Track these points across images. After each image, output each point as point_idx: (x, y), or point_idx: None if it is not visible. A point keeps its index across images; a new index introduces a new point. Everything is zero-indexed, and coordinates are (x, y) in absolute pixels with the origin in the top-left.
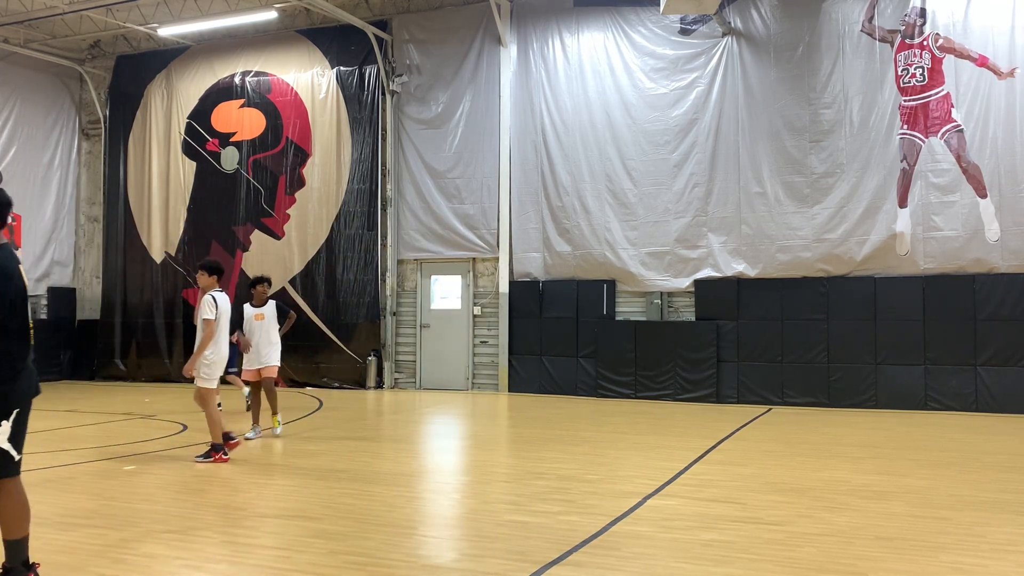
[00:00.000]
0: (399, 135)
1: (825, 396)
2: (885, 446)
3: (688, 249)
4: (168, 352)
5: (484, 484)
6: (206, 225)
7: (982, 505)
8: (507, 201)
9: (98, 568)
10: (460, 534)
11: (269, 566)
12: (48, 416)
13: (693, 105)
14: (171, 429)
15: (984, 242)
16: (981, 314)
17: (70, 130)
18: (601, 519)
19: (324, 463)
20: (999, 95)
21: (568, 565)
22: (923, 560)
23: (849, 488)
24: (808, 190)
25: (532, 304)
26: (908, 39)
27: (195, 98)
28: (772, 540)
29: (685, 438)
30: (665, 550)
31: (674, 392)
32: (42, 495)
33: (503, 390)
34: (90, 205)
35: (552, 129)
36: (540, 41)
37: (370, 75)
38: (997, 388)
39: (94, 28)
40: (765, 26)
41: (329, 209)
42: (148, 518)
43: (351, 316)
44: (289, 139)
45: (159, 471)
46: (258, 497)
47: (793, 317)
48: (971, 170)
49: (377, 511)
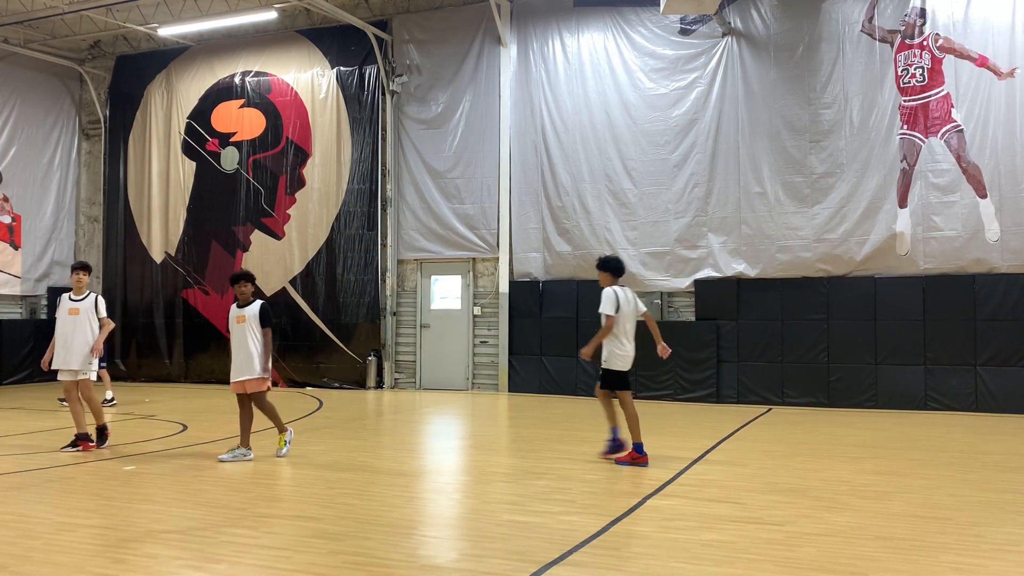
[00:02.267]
0: (399, 135)
1: (825, 396)
2: (885, 446)
3: (688, 249)
4: (168, 352)
5: (484, 484)
6: (206, 225)
7: (982, 505)
8: (507, 201)
9: (98, 568)
10: (460, 534)
11: (269, 566)
12: (48, 416)
13: (693, 105)
14: (171, 429)
15: (984, 242)
16: (981, 314)
17: (70, 130)
18: (601, 519)
19: (324, 463)
20: (999, 95)
21: (568, 565)
22: (923, 560)
23: (849, 488)
24: (808, 190)
25: (532, 304)
26: (908, 39)
27: (195, 98)
28: (772, 540)
29: (685, 438)
30: (665, 550)
31: (674, 392)
32: (42, 495)
33: (503, 390)
34: (90, 205)
35: (552, 129)
36: (540, 41)
37: (370, 75)
38: (997, 388)
39: (94, 28)
40: (765, 26)
41: (329, 209)
42: (148, 518)
43: (351, 316)
44: (289, 139)
45: (159, 471)
46: (258, 497)
47: (793, 317)
48: (971, 170)
49: (377, 511)
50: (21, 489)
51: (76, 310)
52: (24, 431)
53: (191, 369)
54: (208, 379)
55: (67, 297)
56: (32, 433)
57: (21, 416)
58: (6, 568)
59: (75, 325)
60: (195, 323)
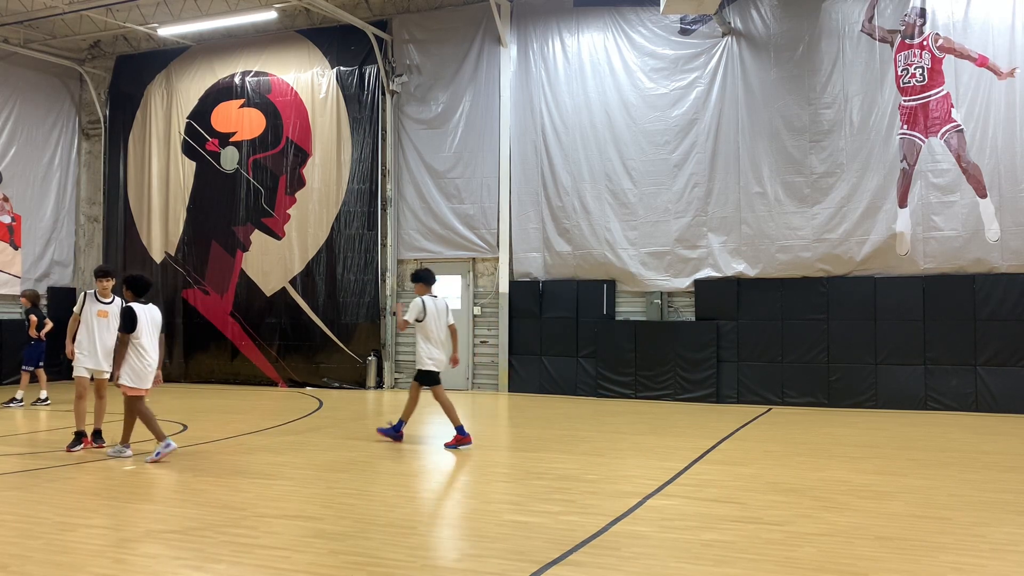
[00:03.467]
0: (399, 135)
1: (825, 396)
2: (885, 446)
3: (688, 249)
4: (168, 352)
5: (484, 484)
6: (206, 225)
7: (982, 505)
8: (507, 201)
9: (98, 568)
10: (460, 534)
11: (269, 566)
12: (48, 416)
13: (693, 105)
14: (171, 429)
15: (984, 242)
16: (981, 314)
17: (70, 130)
18: (601, 519)
19: (324, 463)
20: (999, 95)
21: (568, 565)
22: (923, 560)
23: (849, 488)
24: (808, 190)
25: (532, 304)
26: (908, 39)
27: (195, 98)
28: (772, 540)
29: (685, 438)
30: (665, 550)
31: (674, 392)
32: (42, 495)
33: (503, 390)
34: (90, 205)
35: (552, 129)
36: (540, 41)
37: (370, 75)
38: (997, 388)
39: (94, 28)
40: (765, 26)
41: (329, 209)
42: (148, 518)
43: (351, 316)
44: (289, 139)
45: (159, 471)
46: (258, 497)
47: (793, 317)
48: (971, 170)
49: (377, 511)
50: (21, 489)
51: (105, 313)
52: (24, 431)
53: (191, 369)
54: (208, 379)
55: (93, 296)
56: (33, 432)
57: (21, 416)
58: (6, 568)
59: (106, 327)
60: (195, 323)
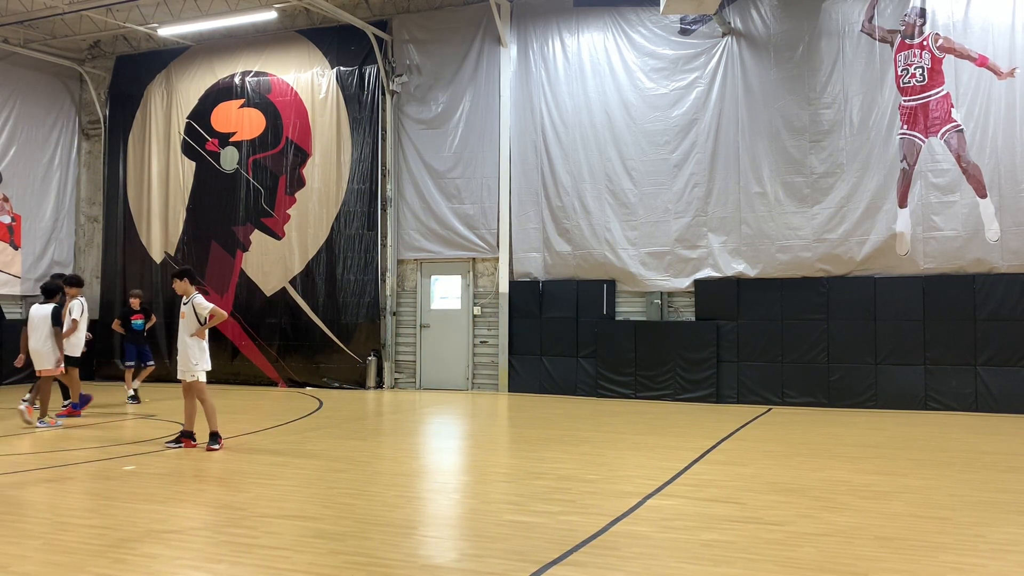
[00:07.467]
0: (399, 135)
1: (825, 396)
2: (885, 446)
3: (688, 249)
4: (168, 352)
5: (484, 484)
6: (206, 225)
7: (982, 505)
8: (507, 201)
9: (98, 568)
10: (460, 534)
11: (269, 566)
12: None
13: (693, 105)
14: (171, 429)
15: (984, 242)
16: (981, 314)
17: (70, 130)
18: (601, 519)
19: (324, 463)
20: (999, 95)
21: (568, 565)
22: (923, 560)
23: (849, 488)
24: (808, 190)
25: (532, 304)
26: (908, 39)
27: (195, 98)
28: (772, 540)
29: (685, 438)
30: (665, 550)
31: (674, 392)
32: (42, 495)
33: (503, 390)
34: (90, 205)
35: (552, 129)
36: (540, 41)
37: (370, 75)
38: (997, 388)
39: (94, 28)
40: (765, 26)
41: (329, 209)
42: (148, 518)
43: (351, 316)
44: (289, 139)
45: (159, 471)
46: (258, 497)
47: (793, 317)
48: (971, 170)
49: (377, 511)
50: (21, 489)
51: (183, 313)
52: (24, 431)
53: None
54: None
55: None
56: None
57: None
58: (6, 568)
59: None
60: None
